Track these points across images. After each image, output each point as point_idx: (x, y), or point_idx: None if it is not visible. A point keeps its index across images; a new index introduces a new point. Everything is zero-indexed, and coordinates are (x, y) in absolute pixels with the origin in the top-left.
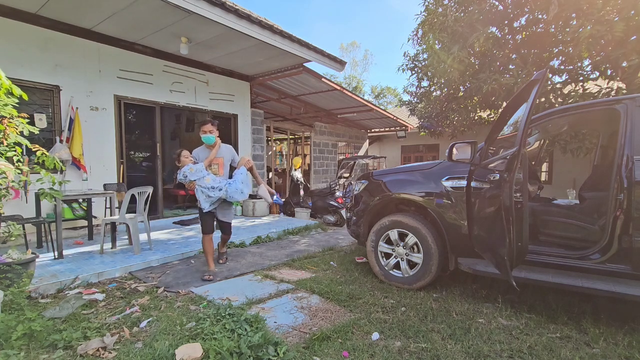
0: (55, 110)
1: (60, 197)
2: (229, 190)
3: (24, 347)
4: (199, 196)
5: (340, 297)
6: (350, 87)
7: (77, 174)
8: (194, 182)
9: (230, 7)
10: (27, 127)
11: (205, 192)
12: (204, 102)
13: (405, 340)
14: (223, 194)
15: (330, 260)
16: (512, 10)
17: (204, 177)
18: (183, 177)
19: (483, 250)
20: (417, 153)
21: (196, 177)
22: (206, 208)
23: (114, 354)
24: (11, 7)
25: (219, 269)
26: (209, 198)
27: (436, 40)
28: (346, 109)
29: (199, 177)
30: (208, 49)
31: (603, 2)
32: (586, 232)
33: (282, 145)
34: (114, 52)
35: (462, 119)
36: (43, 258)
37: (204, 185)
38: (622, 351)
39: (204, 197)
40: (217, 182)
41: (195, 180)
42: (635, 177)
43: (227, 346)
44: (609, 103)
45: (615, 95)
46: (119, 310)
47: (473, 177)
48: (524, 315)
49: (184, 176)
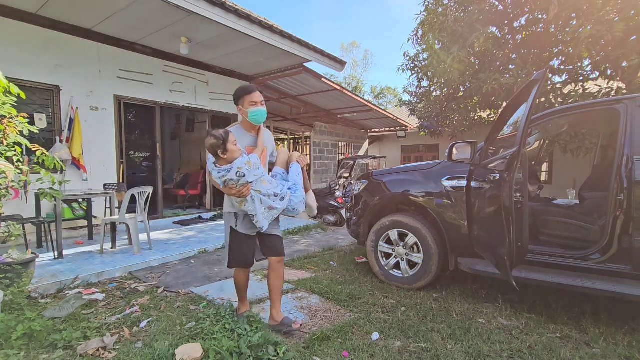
0: (55, 110)
1: (60, 197)
2: (293, 200)
3: (24, 347)
4: (255, 208)
5: (340, 297)
6: (350, 87)
7: (77, 174)
8: (249, 185)
9: (230, 7)
10: (27, 127)
11: (267, 202)
12: (204, 102)
13: (405, 340)
14: (285, 205)
15: (330, 260)
16: (512, 10)
17: (261, 178)
18: (236, 176)
19: (483, 250)
20: (417, 153)
21: (255, 178)
22: (265, 227)
23: (114, 354)
24: (11, 7)
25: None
26: (270, 212)
27: (436, 40)
28: (346, 109)
29: (257, 178)
30: (208, 49)
31: (603, 2)
32: (586, 232)
33: (282, 145)
34: (114, 52)
35: (462, 119)
36: (43, 258)
37: (264, 191)
38: (622, 351)
39: (262, 210)
40: (277, 187)
41: (252, 182)
42: (635, 177)
43: (227, 346)
44: (609, 103)
45: (615, 95)
46: (119, 310)
47: (473, 177)
48: (524, 315)
49: (239, 175)
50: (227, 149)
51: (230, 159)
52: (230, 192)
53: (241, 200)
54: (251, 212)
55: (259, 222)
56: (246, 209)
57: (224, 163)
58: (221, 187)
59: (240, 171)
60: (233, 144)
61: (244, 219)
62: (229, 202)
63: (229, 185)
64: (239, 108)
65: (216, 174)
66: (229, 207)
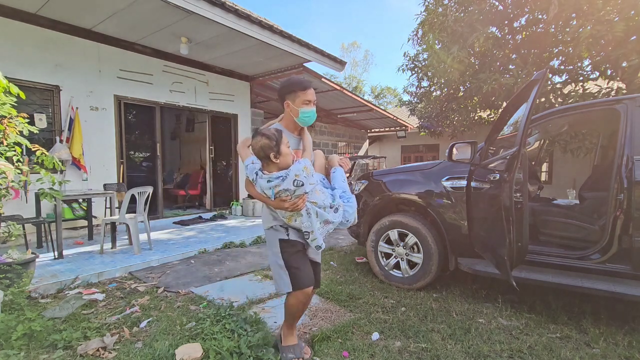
0: (55, 110)
1: (60, 197)
2: (347, 211)
3: (24, 347)
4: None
5: (340, 297)
6: (350, 87)
7: (77, 174)
8: (305, 195)
9: (230, 7)
10: (27, 127)
11: (324, 215)
12: (204, 102)
13: (405, 340)
14: (340, 218)
15: (330, 260)
16: (512, 10)
17: (316, 187)
18: (293, 185)
19: (483, 250)
20: (417, 153)
21: (311, 187)
22: (320, 243)
23: (114, 354)
24: (11, 7)
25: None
26: (326, 227)
27: (436, 40)
28: (346, 109)
29: (313, 187)
30: (208, 49)
31: (603, 2)
32: (586, 232)
33: None
34: (114, 52)
35: (462, 119)
36: (43, 258)
37: (320, 202)
38: (622, 351)
39: (319, 225)
40: (331, 198)
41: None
42: (635, 177)
43: (227, 346)
44: (609, 103)
45: (615, 95)
46: (119, 310)
47: (473, 177)
48: (524, 315)
49: (297, 185)
50: (280, 151)
51: (283, 164)
52: (282, 206)
53: (291, 214)
54: (306, 229)
55: (316, 240)
56: (297, 225)
57: (274, 169)
58: (271, 199)
59: (298, 179)
60: (286, 146)
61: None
62: (269, 215)
63: (283, 196)
64: (286, 103)
65: (265, 184)
66: (270, 221)
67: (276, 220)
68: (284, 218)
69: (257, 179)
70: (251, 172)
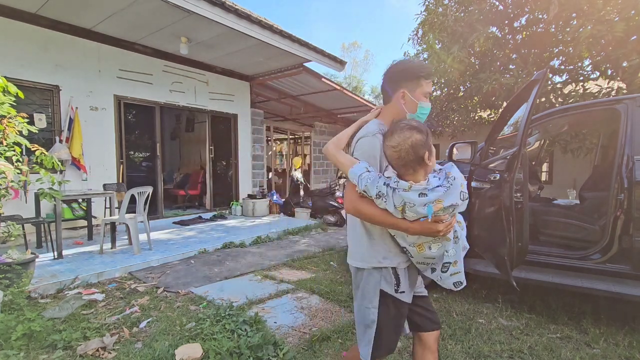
0: (54, 110)
1: (60, 197)
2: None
3: (23, 348)
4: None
5: (340, 298)
6: (350, 87)
7: (76, 174)
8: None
9: (230, 7)
10: (27, 126)
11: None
12: (204, 102)
13: (405, 340)
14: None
15: (330, 261)
16: (513, 10)
17: None
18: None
19: (483, 250)
20: None
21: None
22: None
23: (114, 354)
24: (11, 7)
25: (218, 269)
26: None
27: (436, 40)
28: (346, 109)
29: None
30: (208, 49)
31: (603, 2)
32: (586, 232)
33: (282, 145)
34: (113, 52)
35: (462, 119)
36: (43, 258)
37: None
38: (622, 351)
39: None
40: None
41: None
42: (635, 177)
43: (227, 346)
44: (609, 103)
45: (616, 95)
46: (118, 310)
47: (473, 177)
48: (524, 316)
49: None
50: (432, 150)
51: (429, 170)
52: (435, 229)
53: (426, 241)
54: (448, 259)
55: (459, 275)
56: (433, 255)
57: (421, 176)
58: (429, 218)
59: (464, 190)
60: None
61: (408, 274)
62: (375, 247)
63: (441, 215)
64: (401, 93)
65: (417, 199)
66: (376, 257)
67: (388, 258)
68: (412, 247)
69: (392, 193)
70: (374, 184)
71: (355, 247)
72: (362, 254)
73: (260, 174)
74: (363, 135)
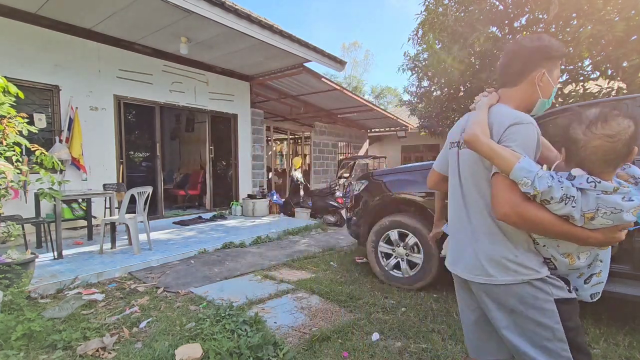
0: (54, 110)
1: (60, 197)
2: None
3: (23, 348)
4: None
5: (340, 298)
6: (350, 87)
7: (76, 174)
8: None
9: (229, 6)
10: (26, 126)
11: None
12: (203, 102)
13: (405, 340)
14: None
15: (330, 261)
16: (513, 10)
17: None
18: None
19: None
20: (417, 153)
21: None
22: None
23: (114, 354)
24: (11, 7)
25: (220, 269)
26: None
27: (436, 40)
28: (346, 109)
29: None
30: (208, 49)
31: (603, 2)
32: None
33: (282, 145)
34: (113, 51)
35: None
36: (43, 258)
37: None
38: (622, 352)
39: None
40: None
41: None
42: None
43: (227, 347)
44: (609, 103)
45: (616, 95)
46: (118, 310)
47: None
48: None
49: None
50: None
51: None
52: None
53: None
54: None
55: (600, 285)
56: (582, 265)
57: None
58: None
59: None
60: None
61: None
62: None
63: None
64: (541, 74)
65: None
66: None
67: (544, 267)
68: (563, 258)
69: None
70: (559, 185)
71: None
72: (530, 264)
73: (260, 174)
74: (517, 121)
